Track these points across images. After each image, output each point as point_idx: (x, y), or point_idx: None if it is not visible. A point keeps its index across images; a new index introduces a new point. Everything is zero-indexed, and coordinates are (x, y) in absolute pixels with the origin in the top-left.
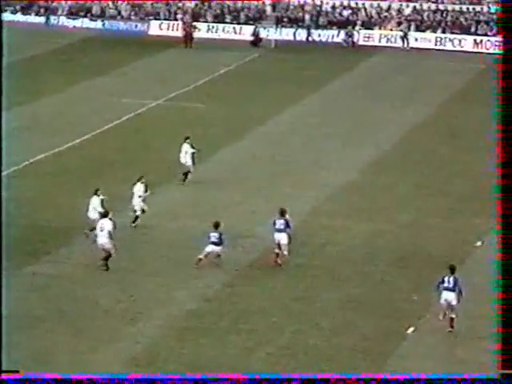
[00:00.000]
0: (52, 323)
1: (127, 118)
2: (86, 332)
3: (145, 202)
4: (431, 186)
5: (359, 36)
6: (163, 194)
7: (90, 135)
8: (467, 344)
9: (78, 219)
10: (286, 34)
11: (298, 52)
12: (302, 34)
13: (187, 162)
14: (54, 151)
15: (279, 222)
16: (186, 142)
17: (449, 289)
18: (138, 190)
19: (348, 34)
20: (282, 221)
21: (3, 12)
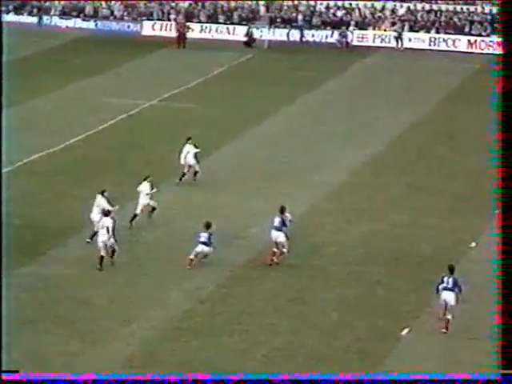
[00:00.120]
0: (45, 324)
1: (120, 118)
2: (79, 333)
3: (152, 199)
4: (426, 187)
5: (353, 36)
6: (158, 194)
7: (84, 136)
8: (463, 345)
9: (73, 220)
10: (279, 34)
11: (292, 52)
12: (295, 34)
13: (188, 163)
14: (48, 151)
15: (277, 220)
16: (188, 143)
17: (448, 289)
18: (145, 188)
19: (342, 34)
20: (280, 219)
21: None
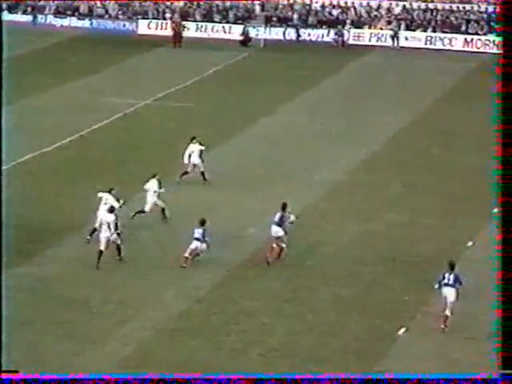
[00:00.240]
0: (40, 324)
1: (116, 117)
2: (74, 333)
3: (159, 198)
4: (423, 186)
5: (349, 35)
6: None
7: (79, 135)
8: (459, 344)
9: (68, 220)
10: (275, 33)
11: (288, 51)
12: (291, 33)
13: (193, 162)
14: (42, 151)
15: (277, 216)
16: (192, 143)
17: (449, 285)
18: (152, 186)
19: (338, 33)
20: (280, 215)
21: None
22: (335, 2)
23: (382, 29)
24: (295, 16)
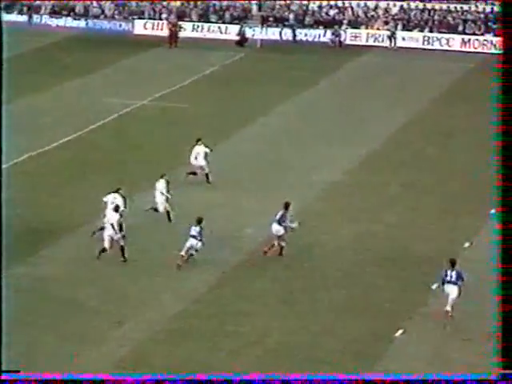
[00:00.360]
0: (36, 325)
1: (112, 118)
2: (70, 335)
3: (167, 201)
4: (420, 186)
5: (346, 35)
6: (147, 195)
7: (75, 135)
8: (456, 345)
9: (65, 220)
10: (271, 33)
11: (284, 52)
12: (288, 33)
13: (199, 164)
14: (39, 151)
15: (279, 214)
16: (197, 144)
17: (451, 282)
18: (162, 186)
19: (335, 33)
20: (282, 213)
21: None
22: (332, 3)
23: (379, 29)
24: (291, 16)
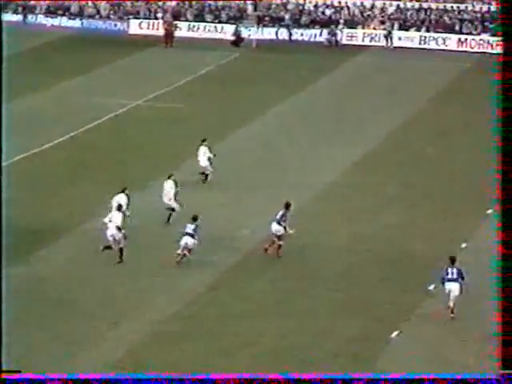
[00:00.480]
0: (31, 327)
1: (107, 118)
2: (66, 336)
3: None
4: (417, 186)
5: (342, 35)
6: (144, 195)
7: (69, 136)
8: (453, 347)
9: (59, 221)
10: (267, 33)
11: (280, 52)
12: (283, 33)
13: (202, 163)
14: (34, 151)
15: (280, 214)
16: (203, 145)
17: (453, 279)
18: (170, 186)
19: (331, 33)
20: (282, 213)
21: None
22: (328, 2)
23: (375, 28)
24: (287, 16)
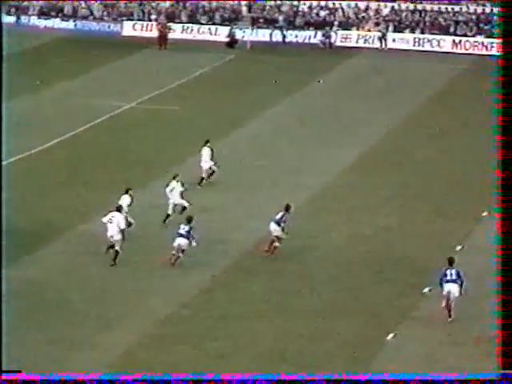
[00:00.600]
0: (23, 330)
1: (101, 120)
2: (58, 339)
3: (183, 197)
4: (412, 188)
5: (336, 37)
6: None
7: (63, 138)
8: (447, 349)
9: (51, 223)
10: (262, 35)
11: (275, 53)
12: (278, 35)
13: (202, 164)
14: (27, 154)
15: (279, 215)
16: (206, 146)
17: (452, 281)
18: (178, 186)
19: (325, 34)
20: (282, 214)
21: None
22: (323, 4)
23: (369, 30)
24: (281, 18)
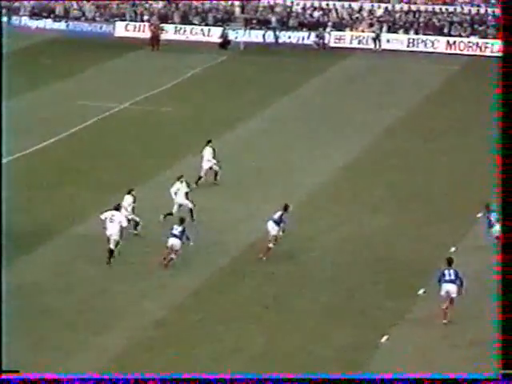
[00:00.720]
0: (13, 335)
1: (93, 121)
2: (50, 344)
3: (187, 198)
4: (406, 190)
5: (330, 38)
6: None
7: (54, 139)
8: (442, 352)
9: (42, 226)
10: (255, 35)
11: (268, 54)
12: (271, 36)
13: (205, 165)
14: (17, 155)
15: (277, 215)
16: (208, 146)
17: (450, 281)
18: (184, 187)
19: (319, 35)
20: (280, 214)
21: None
22: (316, 4)
23: (363, 31)
24: (274, 18)
